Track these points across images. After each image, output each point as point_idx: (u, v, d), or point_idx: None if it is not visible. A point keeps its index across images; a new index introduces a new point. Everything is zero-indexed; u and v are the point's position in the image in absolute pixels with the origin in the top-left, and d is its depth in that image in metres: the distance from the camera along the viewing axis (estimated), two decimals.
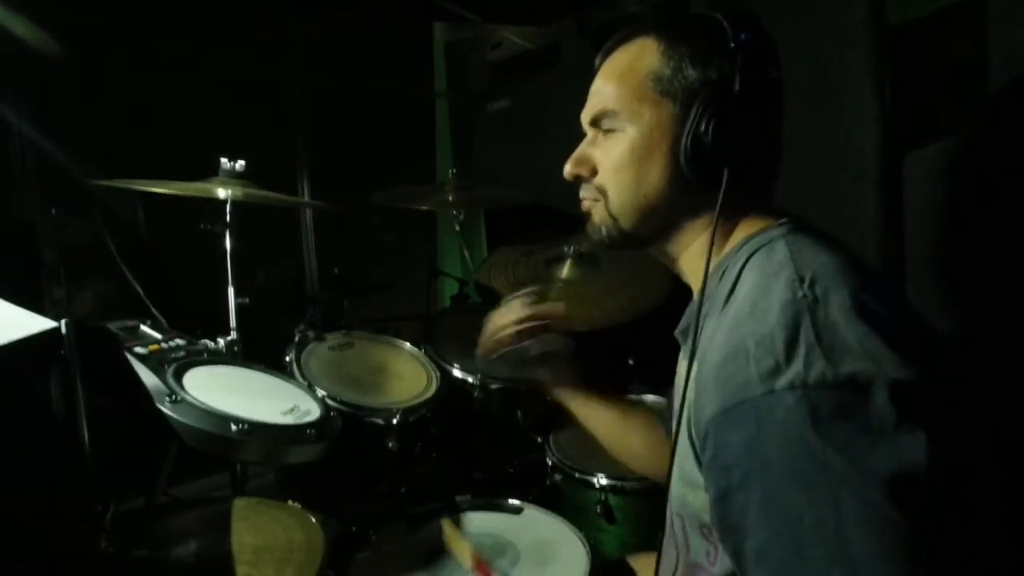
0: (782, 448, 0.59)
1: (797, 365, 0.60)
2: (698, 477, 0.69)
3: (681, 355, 0.95)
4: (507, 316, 1.12)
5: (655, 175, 0.79)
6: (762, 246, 0.74)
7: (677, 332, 0.93)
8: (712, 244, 0.78)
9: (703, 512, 0.70)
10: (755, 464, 0.60)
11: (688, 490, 0.74)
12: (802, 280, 0.66)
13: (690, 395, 0.72)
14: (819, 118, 1.43)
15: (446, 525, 1.24)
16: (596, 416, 1.12)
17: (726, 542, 0.65)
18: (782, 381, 0.60)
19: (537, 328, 1.12)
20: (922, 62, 1.40)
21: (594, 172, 0.85)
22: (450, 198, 2.06)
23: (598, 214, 0.85)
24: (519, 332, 1.11)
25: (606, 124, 0.83)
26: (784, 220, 0.78)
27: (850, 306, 0.63)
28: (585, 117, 0.86)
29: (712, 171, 0.75)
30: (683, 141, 0.76)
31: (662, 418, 1.09)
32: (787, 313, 0.64)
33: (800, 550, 0.57)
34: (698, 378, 0.70)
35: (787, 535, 0.58)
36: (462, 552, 1.18)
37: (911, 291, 1.32)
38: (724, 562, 0.72)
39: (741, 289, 0.72)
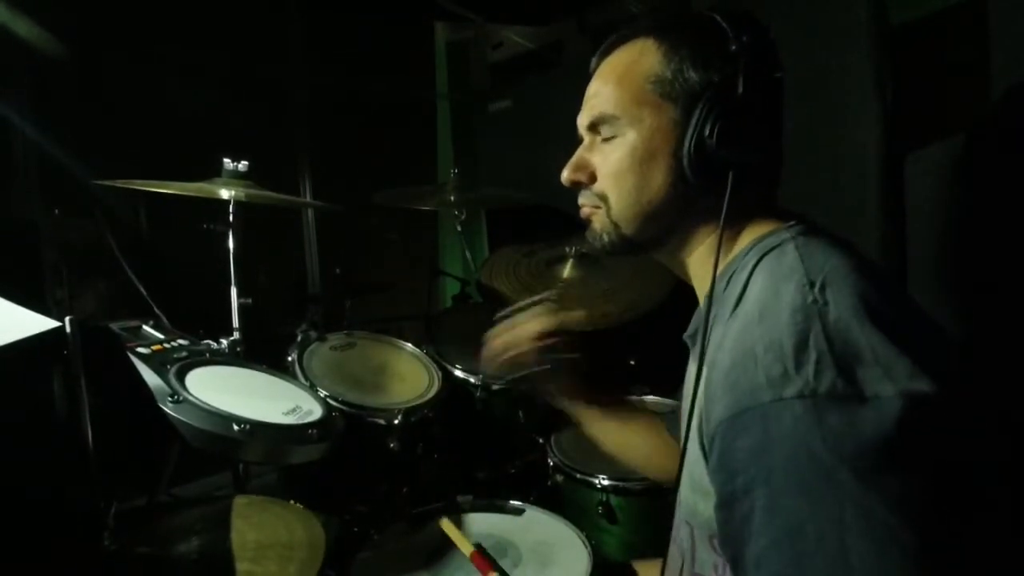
0: (789, 457, 0.58)
1: (807, 373, 0.59)
2: (709, 485, 0.68)
3: (690, 360, 0.94)
4: (528, 329, 1.05)
5: (658, 180, 0.78)
6: (772, 249, 0.73)
7: (686, 336, 0.91)
8: (719, 248, 0.76)
9: (713, 521, 0.69)
10: (761, 471, 0.59)
11: (699, 498, 0.73)
12: (812, 284, 0.65)
13: (700, 401, 0.71)
14: (819, 118, 1.43)
15: (446, 526, 1.23)
16: (597, 426, 1.12)
17: (726, 548, 0.64)
18: (791, 389, 0.59)
19: (557, 341, 1.06)
20: (922, 62, 1.41)
21: (593, 178, 0.82)
22: (452, 198, 2.05)
23: (599, 221, 0.83)
24: (540, 348, 1.05)
25: (605, 130, 0.81)
26: (793, 222, 0.76)
27: (863, 311, 0.62)
28: (582, 121, 0.84)
29: (716, 175, 0.74)
30: (686, 145, 0.74)
31: (670, 423, 1.08)
32: (797, 318, 0.62)
33: (799, 560, 0.56)
34: (708, 383, 0.69)
35: (787, 544, 0.57)
36: (464, 548, 1.17)
37: (912, 291, 1.32)
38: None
39: (751, 293, 0.70)
